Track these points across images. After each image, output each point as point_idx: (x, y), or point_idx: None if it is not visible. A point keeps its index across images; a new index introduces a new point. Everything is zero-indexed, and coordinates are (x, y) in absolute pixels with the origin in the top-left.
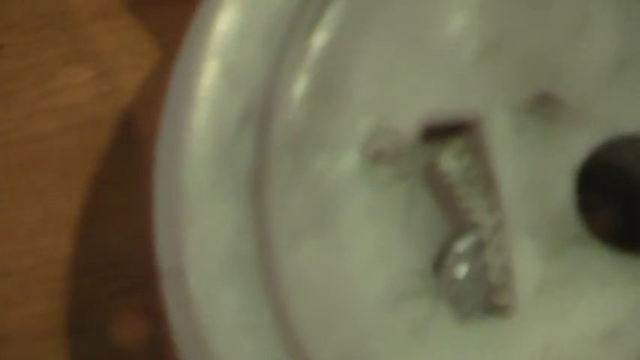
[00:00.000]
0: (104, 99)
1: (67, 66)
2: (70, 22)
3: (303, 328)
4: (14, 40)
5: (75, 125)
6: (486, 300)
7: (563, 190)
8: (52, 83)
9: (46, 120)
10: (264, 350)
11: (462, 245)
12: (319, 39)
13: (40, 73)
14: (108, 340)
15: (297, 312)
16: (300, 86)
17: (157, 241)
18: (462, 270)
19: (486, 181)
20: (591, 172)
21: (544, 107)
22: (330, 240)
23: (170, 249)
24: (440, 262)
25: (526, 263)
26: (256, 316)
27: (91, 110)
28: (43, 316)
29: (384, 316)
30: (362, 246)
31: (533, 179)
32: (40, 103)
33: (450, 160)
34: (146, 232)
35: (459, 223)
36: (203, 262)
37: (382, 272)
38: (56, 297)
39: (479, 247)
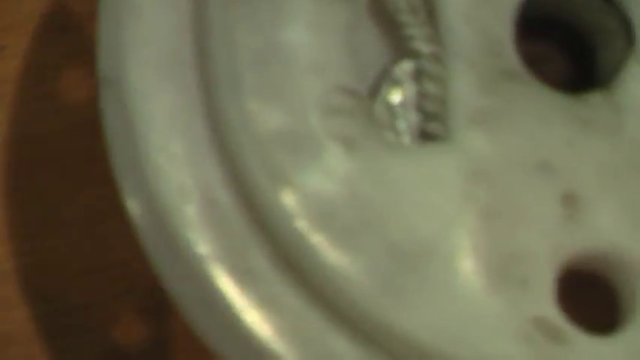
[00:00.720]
0: None
1: (68, 67)
2: (70, 23)
3: (236, 135)
4: (15, 41)
5: (76, 125)
6: (419, 127)
7: (503, 26)
8: (52, 84)
9: (47, 120)
10: (194, 153)
11: (399, 71)
12: None
13: (41, 74)
14: (109, 341)
15: (230, 118)
16: None
17: (98, 50)
18: (397, 96)
19: (429, 11)
20: (538, 19)
21: None
22: (269, 47)
23: (110, 55)
24: (376, 87)
25: (462, 93)
26: (189, 118)
27: (91, 111)
28: (44, 316)
29: (316, 127)
30: (300, 55)
31: (474, 13)
32: (41, 103)
33: None
34: None
35: (398, 51)
36: (141, 64)
37: (317, 83)
38: (56, 298)
39: (416, 75)
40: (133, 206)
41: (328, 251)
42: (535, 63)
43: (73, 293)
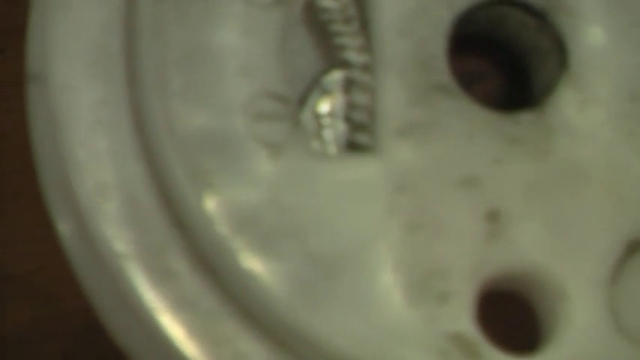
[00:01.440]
0: None
1: None
2: None
3: (160, 135)
4: (16, 43)
5: None
6: (347, 137)
7: (438, 40)
8: None
9: None
10: (117, 150)
11: (329, 81)
12: None
13: None
14: (109, 342)
15: (155, 117)
16: None
17: (28, 46)
18: (325, 105)
19: (363, 22)
20: (474, 37)
21: None
22: (198, 47)
23: (37, 50)
24: (306, 95)
25: (391, 105)
26: (114, 115)
27: None
28: (44, 319)
29: (241, 130)
30: (229, 58)
31: (409, 26)
32: None
33: None
34: None
35: (330, 60)
36: (68, 59)
37: (245, 87)
38: (57, 301)
39: (346, 85)
40: (54, 202)
41: (247, 256)
42: (470, 80)
43: (73, 297)
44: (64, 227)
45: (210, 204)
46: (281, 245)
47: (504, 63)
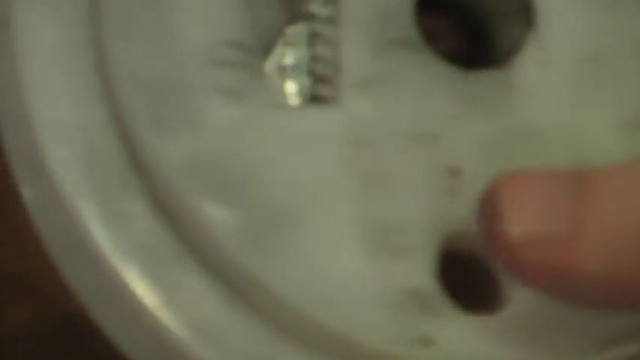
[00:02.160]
0: None
1: None
2: None
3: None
4: None
5: None
6: (310, 90)
7: None
8: None
9: None
10: (76, 92)
11: (294, 33)
12: None
13: None
14: (109, 343)
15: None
16: None
17: None
18: (289, 57)
19: None
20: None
21: None
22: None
23: None
24: (270, 46)
25: (354, 57)
26: (76, 56)
27: None
28: (44, 319)
29: (200, 75)
30: (190, 5)
31: None
32: None
33: None
34: None
35: (295, 12)
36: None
37: (204, 34)
38: (57, 301)
39: (310, 38)
40: (10, 142)
41: (202, 201)
42: (434, 39)
43: (73, 297)
44: (20, 170)
45: (169, 149)
46: (236, 192)
47: (465, 25)
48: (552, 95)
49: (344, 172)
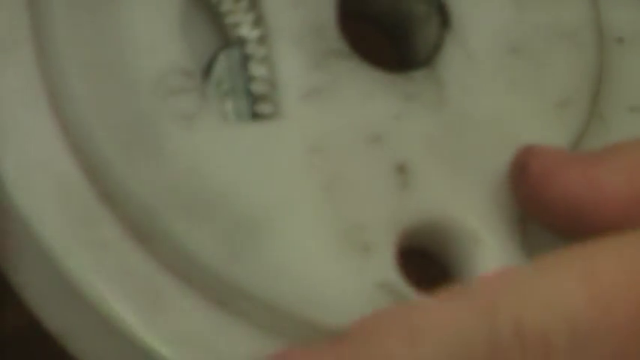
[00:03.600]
0: None
1: None
2: None
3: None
4: None
5: None
6: (249, 109)
7: (328, 9)
8: None
9: None
10: (39, 126)
11: (227, 57)
12: None
13: None
14: None
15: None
16: None
17: None
18: (226, 82)
19: None
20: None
21: None
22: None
23: None
24: (208, 70)
25: (290, 72)
26: (33, 95)
27: None
28: None
29: (155, 104)
30: (135, 35)
31: None
32: None
33: None
34: None
35: (226, 37)
36: None
37: (152, 64)
38: None
39: (243, 60)
40: None
41: (175, 221)
42: (360, 45)
43: None
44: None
45: (138, 176)
46: (207, 208)
47: (386, 31)
48: (481, 87)
49: (303, 179)
